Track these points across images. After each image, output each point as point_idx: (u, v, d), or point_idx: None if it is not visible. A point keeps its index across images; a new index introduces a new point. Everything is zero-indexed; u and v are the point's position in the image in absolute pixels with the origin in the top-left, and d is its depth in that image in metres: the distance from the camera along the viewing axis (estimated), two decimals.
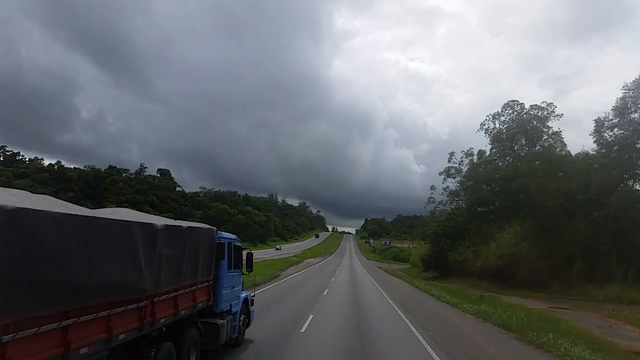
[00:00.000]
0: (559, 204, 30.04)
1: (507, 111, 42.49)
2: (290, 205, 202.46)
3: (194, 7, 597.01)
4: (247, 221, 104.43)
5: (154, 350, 5.02)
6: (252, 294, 9.72)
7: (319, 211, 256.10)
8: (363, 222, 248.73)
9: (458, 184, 47.07)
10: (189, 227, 5.84)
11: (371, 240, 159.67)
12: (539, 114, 40.11)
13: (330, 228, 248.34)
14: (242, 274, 8.51)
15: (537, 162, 36.78)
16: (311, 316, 12.72)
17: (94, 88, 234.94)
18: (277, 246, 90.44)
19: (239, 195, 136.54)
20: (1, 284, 2.77)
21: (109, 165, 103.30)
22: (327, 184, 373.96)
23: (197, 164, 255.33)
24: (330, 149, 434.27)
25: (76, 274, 3.51)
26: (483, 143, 48.81)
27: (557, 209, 30.35)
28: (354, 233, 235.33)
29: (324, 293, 20.51)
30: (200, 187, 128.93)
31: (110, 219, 4.17)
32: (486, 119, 43.68)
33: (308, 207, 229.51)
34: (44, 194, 7.18)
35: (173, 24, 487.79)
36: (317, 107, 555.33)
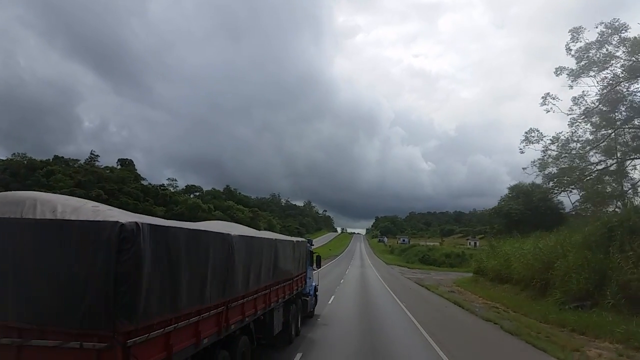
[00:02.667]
0: None
1: None
2: (294, 205, 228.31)
3: (190, 9, 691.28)
4: (224, 218, 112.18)
5: (291, 307, 12.93)
6: (317, 284, 17.77)
7: (325, 211, 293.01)
8: (373, 222, 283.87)
9: (606, 87, 29.48)
10: (303, 240, 13.82)
11: (385, 239, 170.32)
12: None
13: (339, 229, 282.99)
14: (314, 269, 16.57)
15: None
16: None
17: (93, 96, 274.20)
18: None
19: (219, 190, 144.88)
20: (276, 270, 10.60)
21: (55, 156, 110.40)
22: (335, 185, 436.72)
23: (203, 169, 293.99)
24: (336, 150, 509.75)
25: (281, 265, 11.33)
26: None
27: None
28: (364, 233, 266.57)
29: None
30: (169, 179, 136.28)
31: (284, 240, 12.02)
32: None
33: (314, 206, 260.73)
34: None
35: (170, 27, 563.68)
36: (321, 108, 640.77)
